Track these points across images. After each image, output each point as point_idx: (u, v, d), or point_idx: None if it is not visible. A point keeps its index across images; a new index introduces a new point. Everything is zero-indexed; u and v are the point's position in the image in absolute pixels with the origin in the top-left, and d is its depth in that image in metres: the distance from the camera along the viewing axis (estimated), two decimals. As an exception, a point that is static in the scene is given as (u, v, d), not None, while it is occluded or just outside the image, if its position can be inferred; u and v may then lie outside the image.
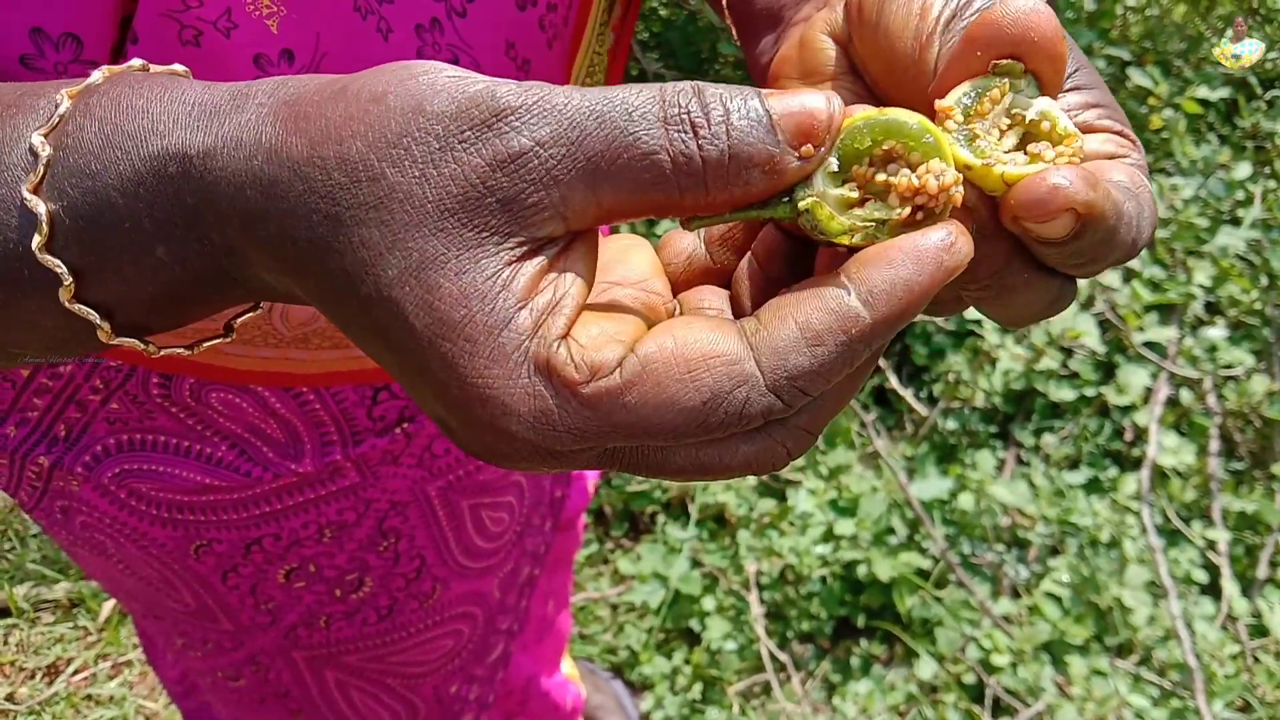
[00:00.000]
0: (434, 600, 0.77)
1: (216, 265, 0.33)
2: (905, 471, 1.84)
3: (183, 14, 0.43)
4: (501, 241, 0.29)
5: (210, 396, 0.60)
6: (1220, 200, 2.14)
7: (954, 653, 1.67)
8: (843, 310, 0.29)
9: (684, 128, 0.29)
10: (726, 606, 1.74)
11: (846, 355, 0.29)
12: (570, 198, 0.29)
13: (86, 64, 0.44)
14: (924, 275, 0.29)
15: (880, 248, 0.30)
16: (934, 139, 0.32)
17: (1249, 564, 1.85)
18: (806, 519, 1.77)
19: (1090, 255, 0.33)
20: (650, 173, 0.29)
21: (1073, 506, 1.81)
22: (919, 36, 0.36)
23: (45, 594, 1.79)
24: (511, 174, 0.29)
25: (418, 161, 0.29)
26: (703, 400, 0.29)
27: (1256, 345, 2.03)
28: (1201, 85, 2.27)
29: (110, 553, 0.67)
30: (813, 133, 0.30)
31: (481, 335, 0.29)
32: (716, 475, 0.32)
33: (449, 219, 0.29)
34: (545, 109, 0.29)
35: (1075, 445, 1.97)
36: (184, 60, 0.44)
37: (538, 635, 1.20)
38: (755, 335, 0.30)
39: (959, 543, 1.80)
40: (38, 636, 1.75)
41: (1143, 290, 2.01)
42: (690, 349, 0.29)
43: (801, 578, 1.76)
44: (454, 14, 0.50)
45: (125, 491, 0.62)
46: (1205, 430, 1.94)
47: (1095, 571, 1.73)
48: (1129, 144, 0.38)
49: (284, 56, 0.47)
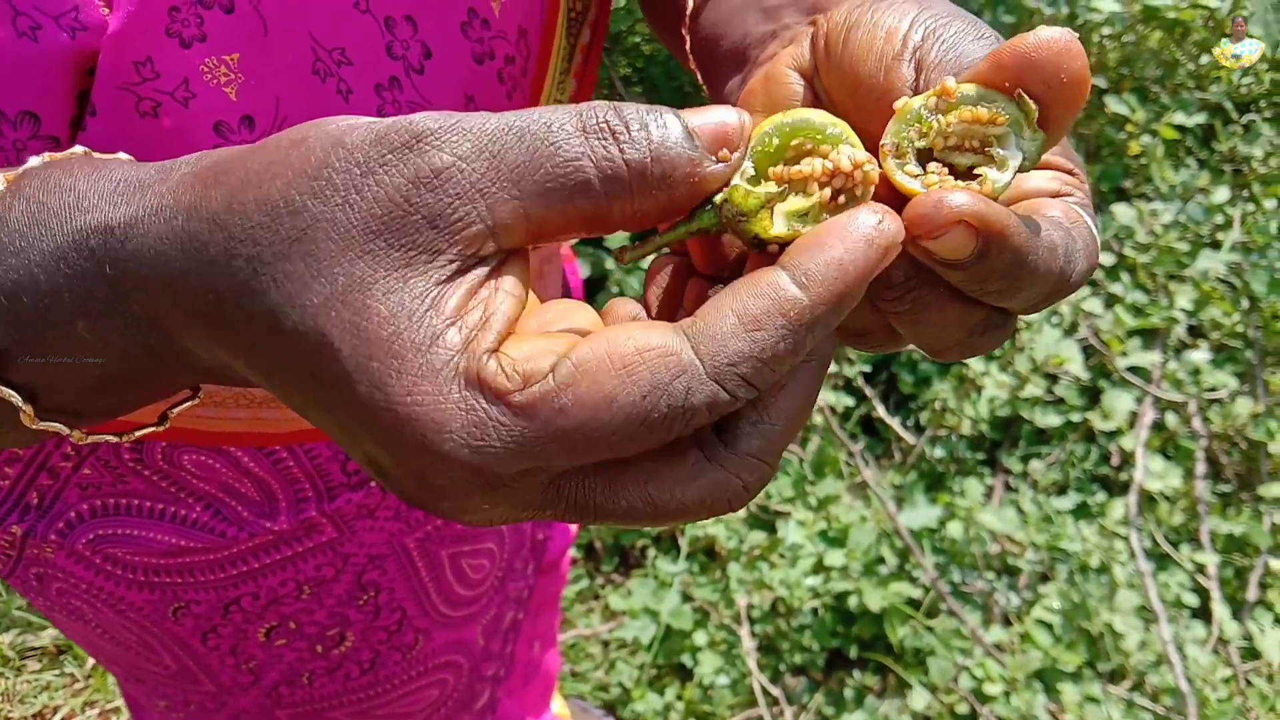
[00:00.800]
0: (417, 651, 0.76)
1: (141, 342, 0.33)
2: (894, 500, 1.85)
3: (139, 86, 0.44)
4: (431, 260, 0.29)
5: (183, 459, 0.60)
6: (1200, 224, 2.16)
7: (947, 682, 1.67)
8: (779, 294, 0.29)
9: (604, 136, 0.29)
10: (718, 641, 1.73)
11: (789, 340, 0.29)
12: (497, 210, 0.29)
13: (45, 139, 0.44)
14: (856, 254, 0.29)
15: (810, 233, 0.30)
16: (839, 129, 0.32)
17: (1239, 586, 1.85)
18: (796, 550, 1.77)
19: (1004, 280, 0.32)
20: (575, 179, 0.29)
21: (1061, 532, 1.82)
22: (883, 59, 0.36)
23: (31, 641, 1.78)
24: (435, 189, 0.28)
25: (339, 189, 0.29)
26: (642, 394, 0.28)
27: (1239, 368, 2.05)
28: (1178, 111, 2.29)
29: (88, 618, 0.67)
30: (727, 139, 0.30)
31: (410, 352, 0.28)
32: (669, 515, 0.31)
33: (375, 240, 0.28)
34: (463, 128, 0.29)
35: (1062, 471, 1.98)
36: (143, 131, 0.45)
37: (524, 679, 1.20)
38: (692, 327, 0.29)
39: (949, 571, 1.80)
40: (24, 685, 1.73)
41: (1125, 315, 2.02)
42: (624, 346, 0.28)
43: (793, 610, 1.75)
44: (412, 71, 0.51)
45: (100, 557, 0.62)
46: (1191, 453, 1.95)
47: (1086, 597, 1.73)
48: (1075, 181, 0.38)
49: (244, 123, 0.47)
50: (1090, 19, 2.34)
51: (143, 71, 0.44)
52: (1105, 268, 2.13)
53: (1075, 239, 0.34)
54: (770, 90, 0.42)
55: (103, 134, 0.45)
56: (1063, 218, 0.34)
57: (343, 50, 0.48)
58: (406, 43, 0.50)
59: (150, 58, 0.44)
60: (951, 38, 0.36)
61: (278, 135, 0.31)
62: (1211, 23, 2.37)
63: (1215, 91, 2.47)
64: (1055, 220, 0.34)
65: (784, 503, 1.85)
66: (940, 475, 1.96)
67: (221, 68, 0.45)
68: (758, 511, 1.87)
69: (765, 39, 0.46)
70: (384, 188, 0.28)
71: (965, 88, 0.33)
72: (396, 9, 0.50)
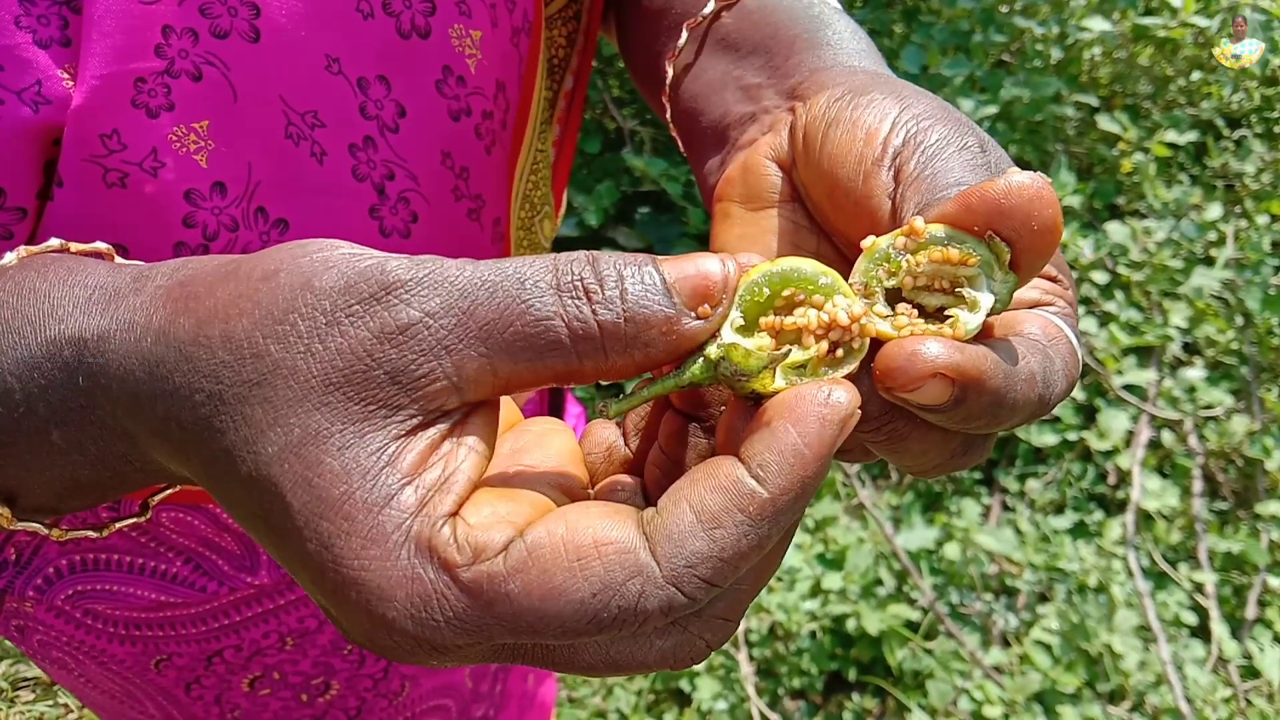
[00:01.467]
0: (404, 698, 0.76)
1: (114, 450, 0.33)
2: (891, 522, 1.84)
3: (106, 158, 0.44)
4: (390, 415, 0.28)
5: (161, 515, 0.60)
6: (1193, 241, 2.16)
7: (946, 705, 1.66)
8: (736, 488, 0.28)
9: (578, 294, 0.28)
10: (716, 666, 1.72)
11: (750, 537, 0.27)
12: (464, 367, 0.28)
13: (11, 211, 0.44)
14: (810, 436, 0.28)
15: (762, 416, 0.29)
16: (830, 280, 0.32)
17: (1237, 605, 1.84)
18: (794, 574, 1.76)
19: (982, 419, 0.31)
20: (546, 339, 0.28)
21: (1059, 552, 1.81)
22: (862, 163, 0.36)
23: (24, 671, 1.77)
24: (400, 345, 0.28)
25: (303, 336, 0.28)
26: (592, 592, 0.27)
27: (1235, 384, 2.05)
28: (1170, 128, 2.30)
29: (70, 668, 0.66)
30: (708, 294, 0.29)
31: (360, 513, 0.27)
32: (631, 672, 0.30)
33: (334, 393, 0.28)
34: (436, 281, 0.28)
35: (1059, 490, 1.98)
36: (113, 201, 0.45)
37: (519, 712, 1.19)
38: (651, 524, 0.28)
39: (947, 593, 1.79)
40: (17, 716, 1.72)
41: (1120, 333, 2.02)
42: (581, 536, 0.27)
43: (791, 634, 1.74)
44: (387, 130, 0.51)
45: (80, 611, 0.61)
46: (1188, 471, 1.95)
47: (1084, 618, 1.73)
48: (1058, 288, 0.37)
49: (216, 189, 0.47)
50: (1081, 38, 2.36)
51: (109, 144, 0.43)
52: (1099, 286, 2.14)
53: (1054, 361, 0.33)
54: (748, 181, 0.42)
55: (71, 204, 0.44)
56: (1041, 336, 0.34)
57: (315, 113, 0.48)
58: (380, 102, 0.50)
59: (117, 130, 0.43)
60: (933, 146, 0.35)
61: (253, 260, 0.30)
62: (1201, 40, 2.39)
63: (1206, 108, 2.49)
64: (1034, 342, 0.33)
65: (781, 525, 1.85)
66: (937, 495, 1.95)
67: (191, 135, 0.45)
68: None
69: (745, 121, 0.46)
70: (347, 339, 0.28)
71: (934, 228, 0.32)
72: (369, 69, 0.49)
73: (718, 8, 0.50)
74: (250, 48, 0.46)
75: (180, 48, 0.44)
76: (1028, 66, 2.37)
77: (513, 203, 0.62)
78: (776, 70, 0.46)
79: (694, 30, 0.51)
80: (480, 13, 0.53)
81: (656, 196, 2.33)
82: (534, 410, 0.82)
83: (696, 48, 0.51)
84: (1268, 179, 2.35)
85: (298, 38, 0.47)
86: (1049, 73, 2.36)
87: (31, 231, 0.45)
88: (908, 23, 2.48)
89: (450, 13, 0.52)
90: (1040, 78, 2.24)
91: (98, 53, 0.42)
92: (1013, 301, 0.34)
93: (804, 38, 0.46)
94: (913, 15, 2.47)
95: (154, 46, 0.43)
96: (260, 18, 0.46)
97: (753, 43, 0.48)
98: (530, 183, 0.65)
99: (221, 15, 0.45)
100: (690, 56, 0.51)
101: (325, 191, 0.50)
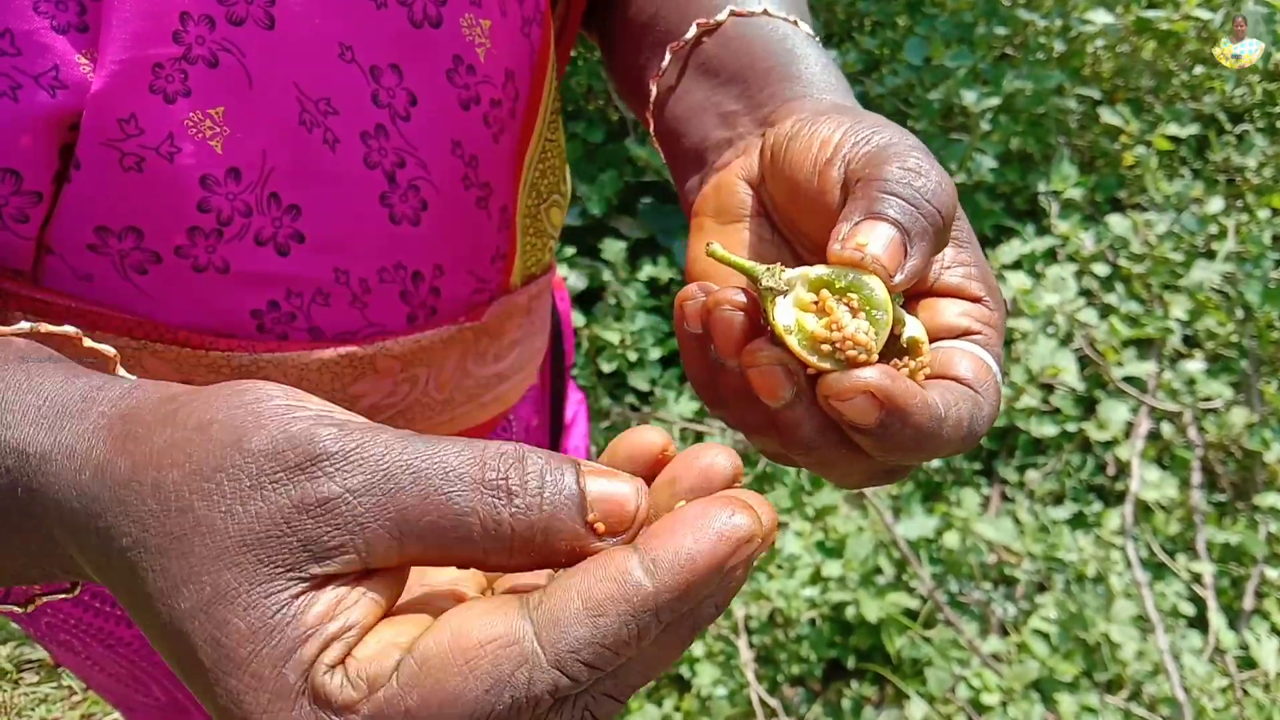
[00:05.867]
0: None
1: (51, 553, 0.34)
2: (891, 511, 1.85)
3: (123, 142, 0.44)
4: (296, 576, 0.29)
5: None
6: (1194, 235, 2.17)
7: (944, 693, 1.67)
8: (624, 578, 0.28)
9: (499, 493, 0.29)
10: (716, 652, 1.73)
11: (631, 627, 0.28)
12: (374, 544, 0.29)
13: (28, 195, 0.45)
14: (704, 546, 0.29)
15: (665, 519, 0.30)
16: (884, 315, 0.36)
17: (1235, 596, 1.85)
18: (794, 561, 1.77)
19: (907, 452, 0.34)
20: (458, 533, 0.29)
21: (1058, 542, 1.82)
22: (817, 164, 0.40)
23: (28, 654, 1.78)
24: (317, 517, 0.29)
25: (226, 496, 0.29)
26: (484, 689, 0.27)
27: (1234, 377, 2.06)
28: (1172, 122, 2.30)
29: (77, 650, 0.67)
30: (620, 518, 0.30)
31: (266, 669, 0.28)
32: None
33: (246, 554, 0.29)
34: (361, 459, 0.29)
35: (1059, 481, 1.98)
36: (128, 185, 0.45)
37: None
38: (537, 609, 0.28)
39: (946, 581, 1.81)
40: (21, 698, 1.73)
41: (1120, 325, 2.03)
42: (467, 638, 0.28)
43: (790, 621, 1.76)
44: (398, 118, 0.52)
45: (88, 594, 0.62)
46: (1187, 463, 1.96)
47: (1082, 607, 1.74)
48: (984, 312, 0.40)
49: (230, 175, 0.47)
50: (1084, 31, 2.36)
51: (126, 128, 0.44)
52: (1100, 278, 2.14)
53: (982, 405, 0.37)
54: (721, 198, 0.47)
55: (87, 188, 0.45)
56: (973, 380, 0.37)
57: (328, 100, 0.49)
58: (392, 90, 0.51)
59: (134, 114, 0.44)
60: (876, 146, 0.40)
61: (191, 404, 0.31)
62: (1204, 34, 2.39)
63: (1209, 102, 2.49)
64: (963, 388, 0.37)
65: (781, 513, 1.86)
66: (937, 485, 1.96)
67: (206, 121, 0.46)
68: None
69: (721, 145, 0.50)
70: (268, 505, 0.29)
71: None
72: (381, 58, 0.50)
73: (699, 33, 0.53)
74: (266, 35, 0.46)
75: (197, 34, 0.45)
76: (1030, 59, 2.37)
77: (520, 191, 0.63)
78: (752, 100, 0.50)
79: (677, 53, 0.54)
80: (490, 2, 0.54)
81: (659, 186, 2.33)
82: (535, 398, 0.82)
83: (679, 70, 0.54)
84: (1269, 173, 2.36)
85: (312, 25, 0.48)
86: (1052, 65, 2.36)
87: (47, 215, 0.46)
88: (911, 15, 2.48)
89: (461, 2, 0.53)
90: (1043, 70, 2.24)
91: (117, 38, 0.43)
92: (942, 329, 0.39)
93: (778, 70, 0.50)
94: (916, 7, 2.48)
95: (172, 33, 0.44)
96: (276, 5, 0.46)
97: (730, 71, 0.51)
98: (538, 171, 0.65)
99: (238, 2, 0.45)
100: (673, 79, 0.54)
101: (337, 178, 0.51)
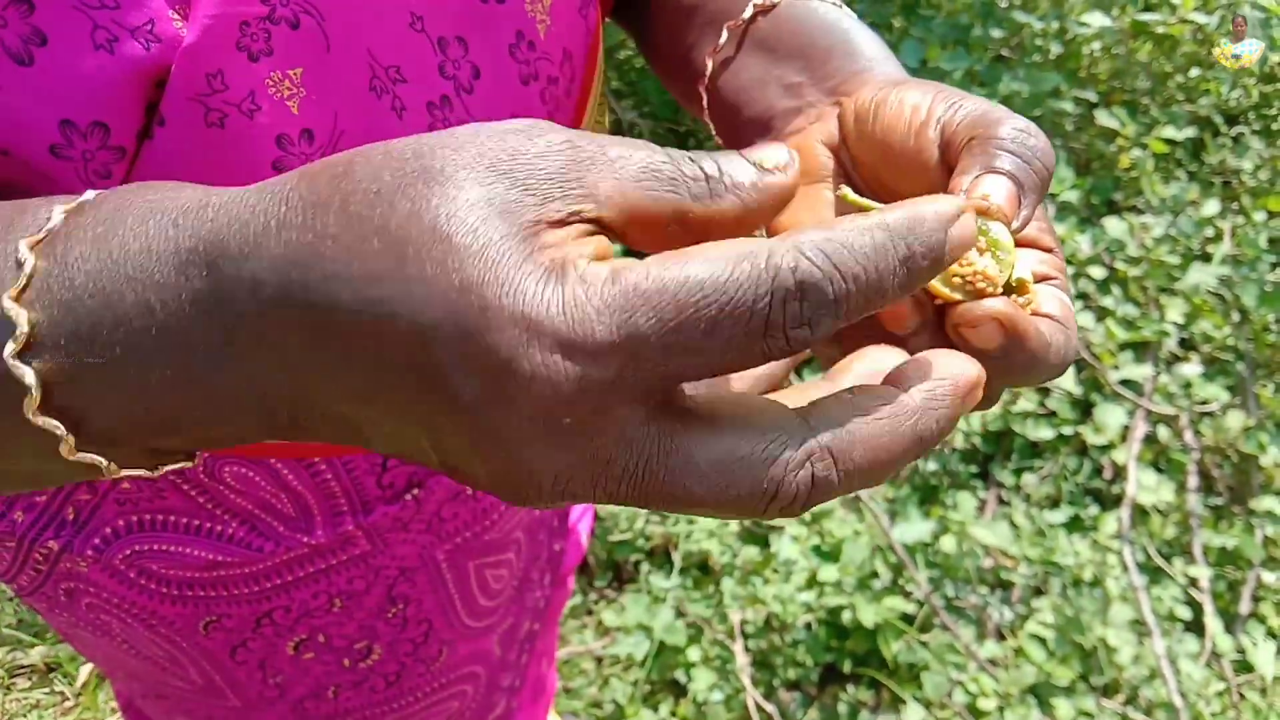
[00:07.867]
0: (440, 663, 0.77)
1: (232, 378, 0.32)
2: (887, 514, 1.85)
3: (209, 98, 0.45)
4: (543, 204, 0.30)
5: (224, 471, 0.60)
6: (1190, 238, 2.17)
7: (941, 698, 1.67)
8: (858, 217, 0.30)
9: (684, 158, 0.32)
10: (712, 656, 1.73)
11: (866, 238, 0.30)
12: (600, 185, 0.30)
13: (113, 150, 0.44)
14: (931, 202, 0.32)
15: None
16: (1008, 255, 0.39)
17: (1231, 600, 1.85)
18: (790, 565, 1.76)
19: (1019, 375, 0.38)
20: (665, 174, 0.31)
21: (1054, 546, 1.82)
22: (911, 126, 0.43)
23: (21, 659, 1.77)
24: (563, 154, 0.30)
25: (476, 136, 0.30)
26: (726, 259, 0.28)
27: (1230, 381, 2.05)
28: (1168, 124, 2.30)
29: (115, 633, 0.67)
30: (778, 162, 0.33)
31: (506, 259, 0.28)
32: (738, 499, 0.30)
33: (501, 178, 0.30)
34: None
35: (1055, 484, 1.98)
36: (209, 141, 0.46)
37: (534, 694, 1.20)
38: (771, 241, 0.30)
39: (943, 585, 1.80)
40: (13, 703, 1.72)
41: (1117, 329, 2.03)
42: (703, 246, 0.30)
43: (786, 625, 1.75)
44: (462, 91, 0.53)
45: (135, 571, 0.62)
46: (1183, 467, 1.96)
47: (1079, 611, 1.73)
48: (1056, 261, 0.43)
49: (304, 136, 0.48)
50: (1080, 33, 2.36)
51: (214, 84, 0.44)
52: (1096, 281, 2.14)
53: (1071, 339, 0.40)
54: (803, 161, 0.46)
55: (170, 144, 0.45)
56: (1060, 315, 0.40)
57: (398, 68, 0.50)
58: (457, 62, 0.52)
59: (221, 70, 0.44)
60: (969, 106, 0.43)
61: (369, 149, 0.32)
62: (1200, 37, 2.39)
63: (1204, 105, 2.49)
64: (1057, 323, 0.40)
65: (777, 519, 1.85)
66: (933, 489, 1.96)
67: (285, 82, 0.46)
68: (751, 526, 1.87)
69: (790, 114, 0.51)
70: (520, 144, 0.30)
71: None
72: (449, 30, 0.51)
73: (755, 12, 0.55)
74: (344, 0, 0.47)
75: None
76: (1027, 61, 2.37)
77: None
78: (815, 73, 0.51)
79: (734, 31, 0.55)
80: None
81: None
82: None
83: (735, 46, 0.55)
84: (1265, 176, 2.36)
85: None
86: (1048, 68, 2.36)
87: (127, 172, 0.46)
88: (907, 16, 2.48)
89: None
90: (1039, 73, 2.24)
91: None
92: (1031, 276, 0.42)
93: (839, 46, 0.52)
94: (912, 9, 2.47)
95: None
96: None
97: (789, 48, 0.53)
98: None
99: None
100: (730, 53, 0.55)
101: None
